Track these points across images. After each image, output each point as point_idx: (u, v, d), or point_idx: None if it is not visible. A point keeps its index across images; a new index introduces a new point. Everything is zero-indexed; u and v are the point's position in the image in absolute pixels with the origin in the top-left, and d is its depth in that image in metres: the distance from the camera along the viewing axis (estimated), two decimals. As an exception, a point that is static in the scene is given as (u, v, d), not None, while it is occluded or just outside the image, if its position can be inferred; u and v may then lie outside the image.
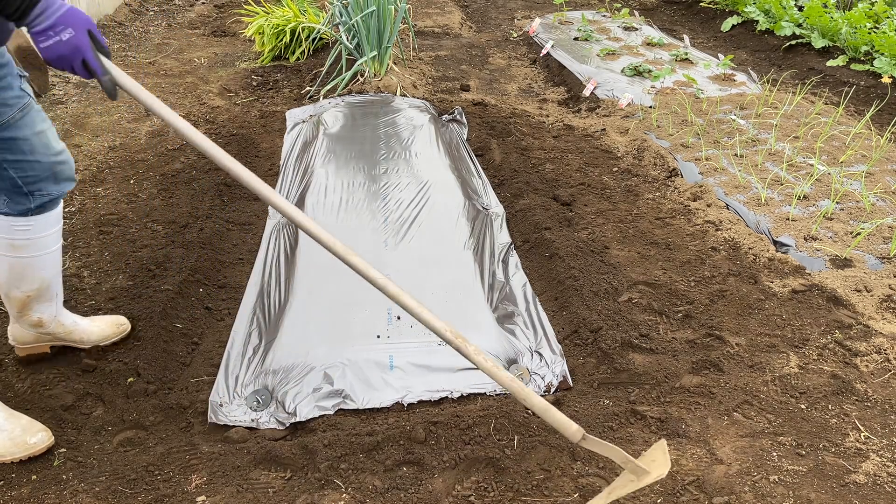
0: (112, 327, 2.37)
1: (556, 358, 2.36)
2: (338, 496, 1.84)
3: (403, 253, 2.90)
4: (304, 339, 2.40)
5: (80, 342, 2.31)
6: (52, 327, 2.23)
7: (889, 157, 3.74)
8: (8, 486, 1.89)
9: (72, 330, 2.28)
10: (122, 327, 2.40)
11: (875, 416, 2.11)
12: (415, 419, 2.09)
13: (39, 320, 2.18)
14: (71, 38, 1.60)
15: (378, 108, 4.41)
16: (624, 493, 1.70)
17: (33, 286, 2.11)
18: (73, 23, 1.60)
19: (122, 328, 2.40)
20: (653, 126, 4.20)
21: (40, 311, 2.17)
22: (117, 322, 2.40)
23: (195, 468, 1.94)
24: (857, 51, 5.41)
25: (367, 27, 4.75)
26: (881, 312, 2.55)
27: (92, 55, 1.64)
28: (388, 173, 3.54)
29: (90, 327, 2.33)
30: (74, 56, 1.62)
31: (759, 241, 2.99)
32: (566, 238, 3.01)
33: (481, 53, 6.06)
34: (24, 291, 2.10)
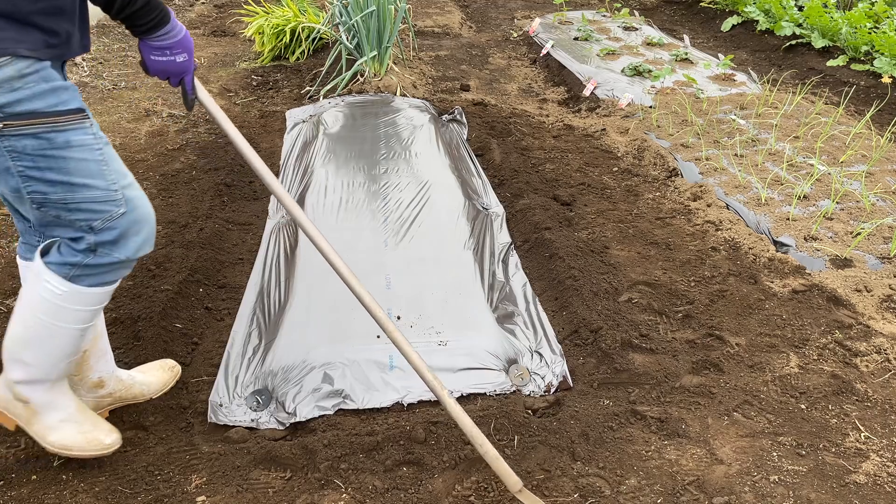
0: (167, 373, 2.21)
1: (556, 358, 2.36)
2: (338, 496, 1.84)
3: (403, 253, 2.90)
4: (304, 339, 2.40)
5: (140, 396, 2.12)
6: (112, 385, 2.05)
7: (889, 157, 3.74)
8: (8, 486, 1.89)
9: (130, 385, 2.10)
10: (174, 370, 2.24)
11: (875, 416, 2.11)
12: (415, 419, 2.09)
13: (100, 380, 2.00)
14: (183, 62, 1.70)
15: (378, 108, 4.41)
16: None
17: (88, 336, 1.89)
18: (188, 48, 1.70)
19: (175, 370, 2.24)
20: (653, 126, 4.20)
21: (98, 368, 1.99)
22: (168, 366, 2.23)
23: (195, 468, 1.94)
24: (858, 51, 5.41)
25: (367, 27, 4.75)
26: (881, 312, 2.55)
27: (191, 77, 1.75)
28: (387, 173, 3.54)
29: (147, 378, 2.15)
30: (178, 75, 1.72)
31: (759, 241, 2.99)
32: (566, 238, 3.01)
33: (481, 53, 6.06)
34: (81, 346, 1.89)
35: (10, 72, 1.45)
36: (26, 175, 1.54)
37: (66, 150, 1.55)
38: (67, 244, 1.67)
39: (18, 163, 1.52)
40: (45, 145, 1.52)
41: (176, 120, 4.40)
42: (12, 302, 2.64)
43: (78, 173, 1.58)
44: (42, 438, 1.84)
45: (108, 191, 1.62)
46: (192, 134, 4.24)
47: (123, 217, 1.65)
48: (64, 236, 1.65)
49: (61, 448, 1.84)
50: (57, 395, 1.84)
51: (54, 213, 1.60)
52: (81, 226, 1.62)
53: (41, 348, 1.75)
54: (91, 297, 1.71)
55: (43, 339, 1.73)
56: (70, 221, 1.61)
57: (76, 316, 1.72)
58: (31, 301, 1.72)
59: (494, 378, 2.27)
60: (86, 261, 1.66)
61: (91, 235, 1.64)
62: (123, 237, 1.67)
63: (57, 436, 1.84)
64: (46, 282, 1.67)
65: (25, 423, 1.85)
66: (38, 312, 1.71)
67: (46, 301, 1.68)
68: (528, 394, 2.22)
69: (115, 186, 1.64)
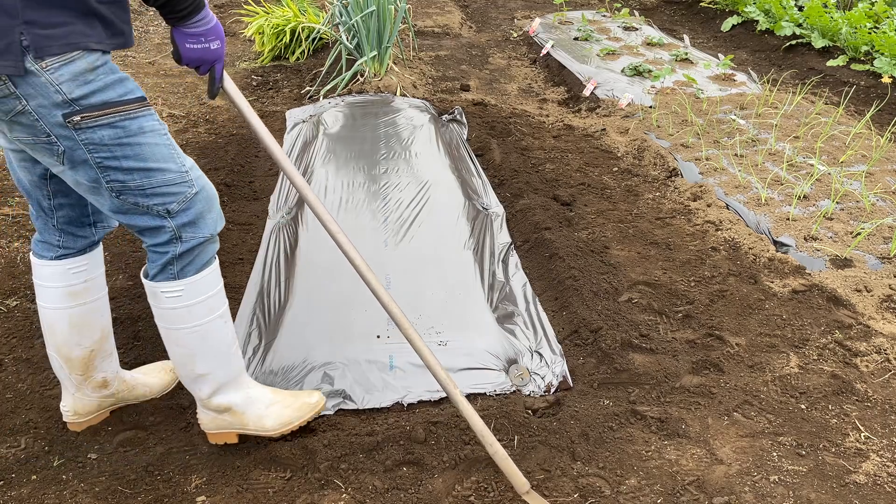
0: (169, 374, 2.22)
1: (556, 358, 2.36)
2: (338, 496, 1.84)
3: (403, 253, 2.90)
4: (304, 339, 2.40)
5: (142, 397, 2.15)
6: (116, 386, 2.07)
7: (889, 157, 3.74)
8: (8, 486, 1.89)
9: (133, 386, 2.12)
10: (175, 372, 2.17)
11: (875, 416, 2.11)
12: (415, 419, 2.09)
13: (104, 380, 2.02)
14: (217, 49, 1.68)
15: (378, 108, 4.41)
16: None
17: (95, 336, 1.95)
18: (221, 35, 1.69)
19: (176, 373, 2.21)
20: (653, 126, 4.20)
21: (103, 368, 2.00)
22: (169, 367, 2.24)
23: (195, 468, 1.94)
24: (857, 51, 5.41)
25: (367, 27, 4.75)
26: (881, 312, 2.55)
27: (222, 65, 1.74)
28: (387, 173, 3.54)
29: (149, 380, 2.17)
30: (211, 62, 1.70)
31: (759, 241, 2.99)
32: (566, 238, 3.01)
33: (481, 53, 6.06)
34: (87, 346, 1.94)
35: (83, 65, 1.49)
36: (104, 165, 1.58)
37: (139, 136, 1.59)
38: (153, 250, 1.73)
39: (96, 154, 1.56)
40: (120, 134, 1.57)
41: (176, 120, 4.40)
42: (12, 302, 2.64)
43: (152, 158, 1.62)
44: (263, 430, 1.95)
45: (179, 173, 1.67)
46: (192, 134, 4.24)
47: (196, 196, 1.70)
48: (143, 225, 1.68)
49: (283, 427, 1.95)
50: (247, 388, 1.95)
51: (133, 200, 1.63)
52: (159, 210, 1.66)
53: (204, 354, 1.84)
54: (204, 283, 1.78)
55: (198, 345, 1.82)
56: (148, 207, 1.65)
57: (207, 306, 1.80)
58: (167, 321, 1.81)
59: (494, 378, 2.27)
60: (178, 251, 1.71)
61: (169, 220, 1.68)
62: (200, 216, 1.72)
63: (272, 421, 1.95)
64: (164, 293, 1.75)
65: (241, 427, 1.95)
66: (178, 324, 1.79)
67: (176, 310, 1.77)
68: (528, 394, 2.22)
69: (184, 168, 1.69)
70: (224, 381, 1.89)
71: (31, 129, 1.53)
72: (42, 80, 1.46)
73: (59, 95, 1.48)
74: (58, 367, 1.96)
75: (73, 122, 1.51)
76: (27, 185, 1.79)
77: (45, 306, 1.90)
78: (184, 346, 1.83)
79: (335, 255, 2.86)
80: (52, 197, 1.80)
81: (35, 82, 1.46)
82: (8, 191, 3.45)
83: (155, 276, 1.74)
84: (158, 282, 1.74)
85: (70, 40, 1.46)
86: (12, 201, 3.37)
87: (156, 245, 1.71)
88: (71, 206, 1.83)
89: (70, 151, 1.55)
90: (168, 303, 1.76)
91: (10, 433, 2.06)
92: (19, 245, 3.02)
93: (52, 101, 1.48)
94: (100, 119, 1.53)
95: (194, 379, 1.87)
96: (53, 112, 1.49)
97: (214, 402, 1.90)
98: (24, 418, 2.11)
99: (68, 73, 1.48)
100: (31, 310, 2.60)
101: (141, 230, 1.70)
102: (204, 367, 1.85)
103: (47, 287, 1.88)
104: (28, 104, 1.48)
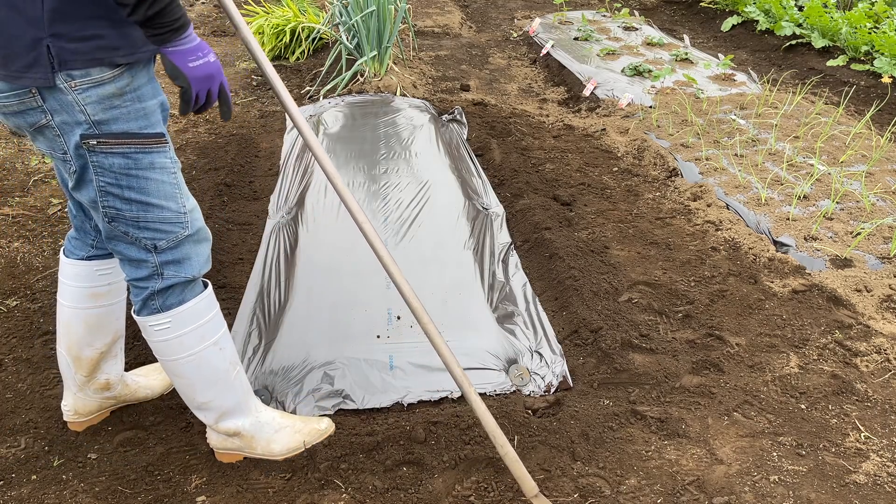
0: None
1: (556, 358, 2.36)
2: (338, 496, 1.84)
3: (403, 253, 2.90)
4: (304, 339, 2.40)
5: (144, 398, 2.16)
6: (118, 389, 2.07)
7: (889, 157, 3.74)
8: (8, 486, 1.89)
9: (135, 389, 2.13)
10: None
11: (875, 416, 2.11)
12: (415, 419, 2.09)
13: (107, 382, 2.02)
14: (216, 61, 1.59)
15: (378, 108, 4.41)
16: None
17: (107, 339, 1.96)
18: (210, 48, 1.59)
19: None
20: (653, 126, 4.20)
21: (107, 370, 2.01)
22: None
23: (195, 468, 1.94)
24: (857, 51, 5.41)
25: (367, 27, 4.75)
26: (881, 312, 2.55)
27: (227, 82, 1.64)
28: (387, 173, 3.54)
29: (150, 382, 2.17)
30: (217, 77, 1.59)
31: (759, 241, 2.99)
32: (566, 238, 3.01)
33: (481, 53, 6.06)
34: (98, 348, 1.94)
35: (112, 89, 1.49)
36: (105, 191, 1.58)
37: (148, 171, 1.59)
38: (134, 285, 1.71)
39: (101, 178, 1.56)
40: (130, 164, 1.56)
41: (175, 120, 4.40)
42: (12, 302, 2.64)
43: (155, 194, 1.61)
44: (270, 455, 1.94)
45: (177, 213, 1.66)
46: (192, 134, 4.24)
47: (187, 238, 1.70)
48: (125, 254, 1.68)
49: (290, 452, 1.95)
50: (255, 413, 1.94)
51: (123, 229, 1.63)
52: (146, 244, 1.65)
53: (202, 383, 1.82)
54: (192, 312, 1.74)
55: (195, 374, 1.81)
56: (136, 239, 1.64)
57: (198, 335, 1.77)
58: (161, 354, 1.79)
59: (494, 378, 2.27)
60: (158, 286, 1.70)
61: (154, 256, 1.67)
62: (186, 257, 1.71)
63: (280, 446, 1.94)
64: (152, 327, 1.74)
65: (249, 450, 1.94)
66: (172, 356, 1.78)
67: (167, 342, 1.75)
68: (528, 394, 2.22)
69: (183, 209, 1.68)
70: (227, 408, 1.88)
71: (51, 142, 1.55)
72: (69, 98, 1.47)
73: (82, 115, 1.49)
74: (64, 366, 1.97)
75: (89, 145, 1.52)
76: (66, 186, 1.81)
77: (64, 304, 1.91)
78: (181, 376, 1.81)
79: (335, 254, 2.87)
80: None
81: (62, 99, 1.47)
82: (8, 191, 3.45)
83: (139, 311, 1.73)
84: (144, 316, 1.73)
85: (96, 55, 1.45)
86: (12, 201, 3.37)
87: (136, 280, 1.70)
88: None
89: (81, 170, 1.56)
90: (157, 336, 1.74)
91: (10, 433, 2.06)
92: (19, 245, 3.02)
93: (76, 119, 1.49)
94: (115, 147, 1.53)
95: (197, 406, 1.88)
96: (74, 130, 1.51)
97: (222, 426, 1.89)
98: (24, 418, 2.11)
99: (96, 96, 1.48)
100: (31, 310, 2.60)
101: (123, 260, 1.70)
102: (204, 395, 1.84)
103: (71, 286, 1.89)
104: (53, 119, 1.50)
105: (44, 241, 3.05)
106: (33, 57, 1.41)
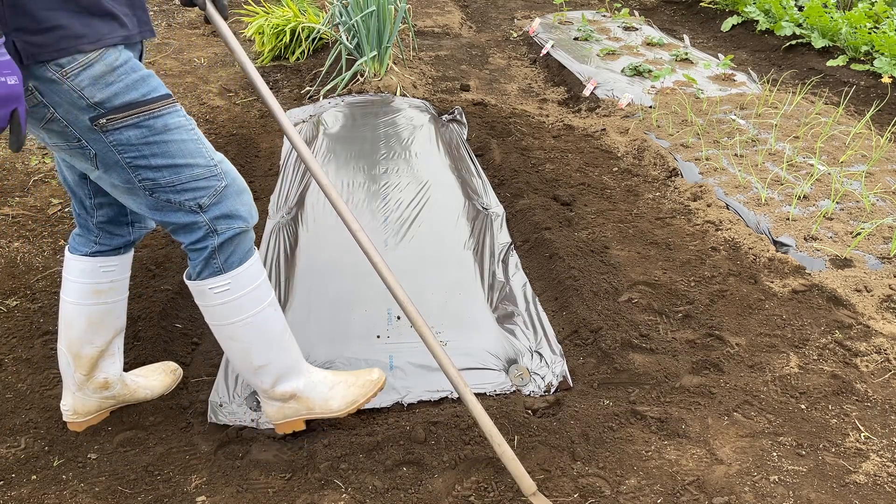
0: (170, 376, 2.23)
1: (556, 358, 2.36)
2: (338, 496, 1.84)
3: (403, 253, 2.90)
4: (305, 338, 2.40)
5: (144, 398, 2.16)
6: (118, 388, 2.06)
7: (889, 157, 3.74)
8: (8, 486, 1.89)
9: (135, 389, 2.12)
10: (176, 373, 2.25)
11: (875, 416, 2.11)
12: (415, 419, 2.09)
13: (106, 381, 2.02)
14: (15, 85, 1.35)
15: (378, 108, 4.41)
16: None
17: (108, 337, 1.97)
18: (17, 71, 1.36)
19: (177, 374, 2.25)
20: (653, 126, 4.20)
21: (106, 369, 2.01)
22: (170, 369, 2.25)
23: (195, 468, 1.94)
24: (857, 51, 5.41)
25: (367, 27, 4.75)
26: (881, 312, 2.55)
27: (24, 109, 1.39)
28: (387, 173, 3.54)
29: (150, 382, 2.18)
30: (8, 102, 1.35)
31: (759, 241, 2.99)
32: (566, 238, 3.01)
33: (481, 53, 6.06)
34: (98, 346, 1.95)
35: (101, 68, 1.49)
36: (135, 165, 1.59)
37: (165, 133, 1.60)
38: (192, 249, 1.73)
39: (125, 155, 1.58)
40: (146, 133, 1.58)
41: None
42: (12, 302, 2.64)
43: (180, 154, 1.63)
44: (330, 412, 1.97)
45: (208, 167, 1.68)
46: (192, 134, 4.23)
47: (226, 189, 1.71)
48: (175, 222, 1.69)
49: (349, 406, 1.97)
50: (307, 373, 1.97)
51: (165, 197, 1.65)
52: (192, 206, 1.67)
53: (259, 345, 1.85)
54: (249, 274, 1.79)
55: (253, 337, 1.84)
56: (180, 203, 1.66)
57: (255, 297, 1.81)
58: (218, 318, 1.82)
59: (494, 378, 2.27)
60: (215, 243, 1.72)
61: (202, 215, 1.69)
62: (233, 208, 1.72)
63: (338, 402, 1.97)
64: (212, 290, 1.76)
65: (308, 411, 1.96)
66: (230, 319, 1.81)
67: (226, 304, 1.78)
68: (528, 394, 2.22)
69: (213, 162, 1.69)
70: (284, 369, 1.90)
71: (62, 135, 1.55)
72: (65, 87, 1.47)
73: (82, 101, 1.50)
74: (64, 364, 1.97)
75: (100, 125, 1.53)
76: (71, 184, 1.84)
77: (67, 300, 1.93)
78: (238, 339, 1.84)
79: (335, 254, 2.87)
80: (92, 196, 1.84)
81: (59, 90, 1.47)
82: (8, 191, 3.45)
83: (200, 273, 1.75)
84: (204, 279, 1.75)
85: (60, 45, 1.44)
86: (12, 201, 3.37)
87: (193, 243, 1.72)
88: (110, 205, 1.87)
89: (101, 154, 1.57)
90: (217, 298, 1.77)
91: (10, 433, 2.06)
92: (19, 245, 3.02)
93: (78, 106, 1.50)
94: (125, 120, 1.54)
95: (254, 371, 1.89)
96: (80, 117, 1.51)
97: (278, 391, 1.91)
98: (24, 418, 2.11)
99: (88, 78, 1.49)
100: (31, 310, 2.60)
101: (176, 228, 1.72)
102: (261, 358, 1.86)
103: (74, 282, 1.91)
104: (56, 112, 1.50)
105: (44, 241, 3.05)
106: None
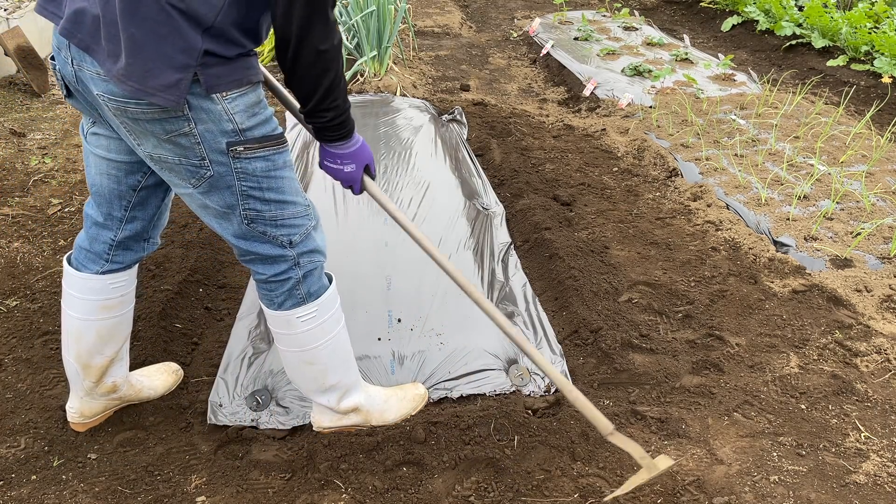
0: (171, 376, 2.23)
1: (556, 358, 2.36)
2: (338, 496, 1.84)
3: (403, 253, 2.90)
4: (304, 339, 2.40)
5: (147, 398, 2.17)
6: (124, 390, 2.07)
7: (889, 157, 3.74)
8: (8, 486, 1.89)
9: (139, 389, 2.13)
10: (178, 373, 2.26)
11: (875, 417, 2.11)
12: (415, 419, 2.09)
13: (114, 385, 2.02)
14: (351, 172, 1.74)
15: (378, 108, 4.41)
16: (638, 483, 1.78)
17: (117, 346, 1.96)
18: (359, 159, 1.73)
19: (178, 374, 2.26)
20: (653, 126, 4.20)
21: (114, 374, 2.00)
22: (171, 369, 2.25)
23: (195, 468, 1.94)
24: (858, 51, 5.41)
25: (366, 27, 4.75)
26: (881, 312, 2.55)
27: (359, 186, 1.79)
28: (387, 173, 3.54)
29: (153, 383, 2.18)
30: (349, 182, 1.77)
31: (759, 241, 2.99)
32: (566, 238, 3.01)
33: (481, 53, 6.06)
34: (108, 355, 1.94)
35: (254, 98, 1.54)
36: (247, 194, 1.61)
37: (283, 170, 1.64)
38: (271, 281, 1.76)
39: (243, 183, 1.59)
40: (269, 166, 1.60)
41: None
42: (12, 302, 2.64)
43: (289, 192, 1.67)
44: (385, 423, 2.06)
45: (305, 206, 1.73)
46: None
47: (315, 229, 1.77)
48: (261, 253, 1.71)
49: (402, 417, 2.09)
50: (365, 387, 2.05)
51: (262, 229, 1.67)
52: (283, 241, 1.70)
53: (335, 365, 1.91)
54: (329, 298, 1.84)
55: (330, 358, 1.90)
56: (274, 237, 1.69)
57: (335, 318, 1.88)
58: (301, 344, 1.84)
59: (494, 378, 2.27)
60: (298, 275, 1.76)
61: (290, 250, 1.72)
62: (317, 245, 1.78)
63: (392, 413, 2.07)
64: (299, 319, 1.79)
65: (365, 423, 2.05)
66: (314, 343, 1.85)
67: (311, 331, 1.82)
68: (528, 394, 2.22)
69: (307, 202, 1.75)
70: (350, 385, 1.97)
71: (186, 150, 1.52)
72: (219, 107, 1.48)
73: (230, 124, 1.50)
74: (72, 373, 1.96)
75: (235, 152, 1.54)
76: (107, 194, 1.77)
77: (74, 316, 1.88)
78: (317, 362, 1.88)
79: (335, 255, 2.87)
80: (129, 209, 1.80)
81: (210, 108, 1.47)
82: (8, 191, 3.45)
83: (282, 304, 1.77)
84: (289, 309, 1.77)
85: (234, 77, 1.48)
86: (12, 201, 3.37)
87: (275, 275, 1.74)
88: (142, 220, 1.83)
89: (218, 177, 1.56)
90: (304, 326, 1.80)
91: (10, 433, 2.06)
92: (19, 245, 3.02)
93: (222, 128, 1.50)
94: (258, 151, 1.57)
95: (325, 391, 1.93)
96: (219, 139, 1.51)
97: (343, 406, 1.97)
98: (24, 418, 2.11)
99: (243, 104, 1.51)
100: (31, 310, 2.59)
101: (257, 259, 1.73)
102: (334, 377, 1.92)
103: (81, 298, 1.86)
104: (196, 127, 1.49)
105: (44, 241, 3.05)
106: (175, 80, 1.39)
